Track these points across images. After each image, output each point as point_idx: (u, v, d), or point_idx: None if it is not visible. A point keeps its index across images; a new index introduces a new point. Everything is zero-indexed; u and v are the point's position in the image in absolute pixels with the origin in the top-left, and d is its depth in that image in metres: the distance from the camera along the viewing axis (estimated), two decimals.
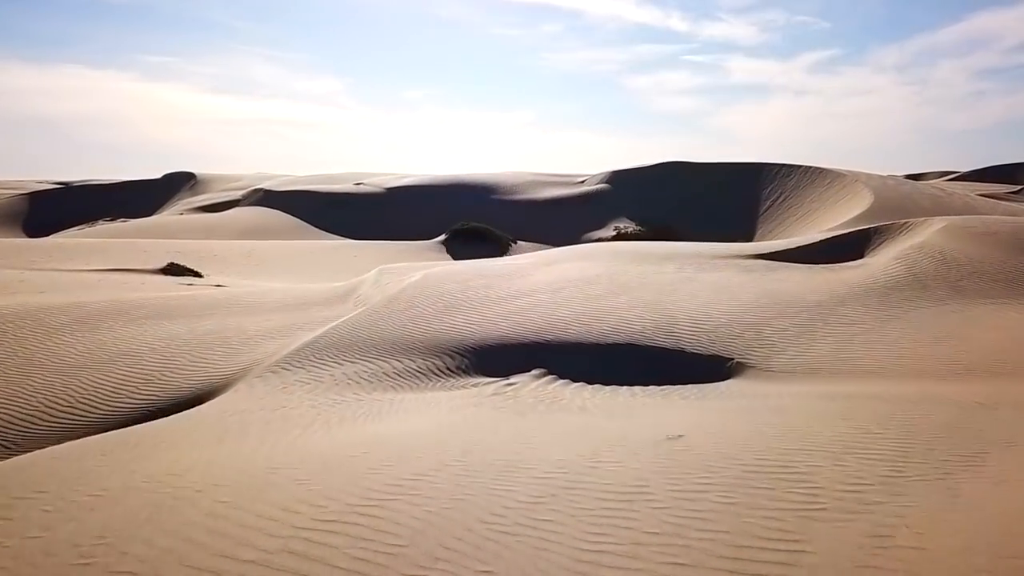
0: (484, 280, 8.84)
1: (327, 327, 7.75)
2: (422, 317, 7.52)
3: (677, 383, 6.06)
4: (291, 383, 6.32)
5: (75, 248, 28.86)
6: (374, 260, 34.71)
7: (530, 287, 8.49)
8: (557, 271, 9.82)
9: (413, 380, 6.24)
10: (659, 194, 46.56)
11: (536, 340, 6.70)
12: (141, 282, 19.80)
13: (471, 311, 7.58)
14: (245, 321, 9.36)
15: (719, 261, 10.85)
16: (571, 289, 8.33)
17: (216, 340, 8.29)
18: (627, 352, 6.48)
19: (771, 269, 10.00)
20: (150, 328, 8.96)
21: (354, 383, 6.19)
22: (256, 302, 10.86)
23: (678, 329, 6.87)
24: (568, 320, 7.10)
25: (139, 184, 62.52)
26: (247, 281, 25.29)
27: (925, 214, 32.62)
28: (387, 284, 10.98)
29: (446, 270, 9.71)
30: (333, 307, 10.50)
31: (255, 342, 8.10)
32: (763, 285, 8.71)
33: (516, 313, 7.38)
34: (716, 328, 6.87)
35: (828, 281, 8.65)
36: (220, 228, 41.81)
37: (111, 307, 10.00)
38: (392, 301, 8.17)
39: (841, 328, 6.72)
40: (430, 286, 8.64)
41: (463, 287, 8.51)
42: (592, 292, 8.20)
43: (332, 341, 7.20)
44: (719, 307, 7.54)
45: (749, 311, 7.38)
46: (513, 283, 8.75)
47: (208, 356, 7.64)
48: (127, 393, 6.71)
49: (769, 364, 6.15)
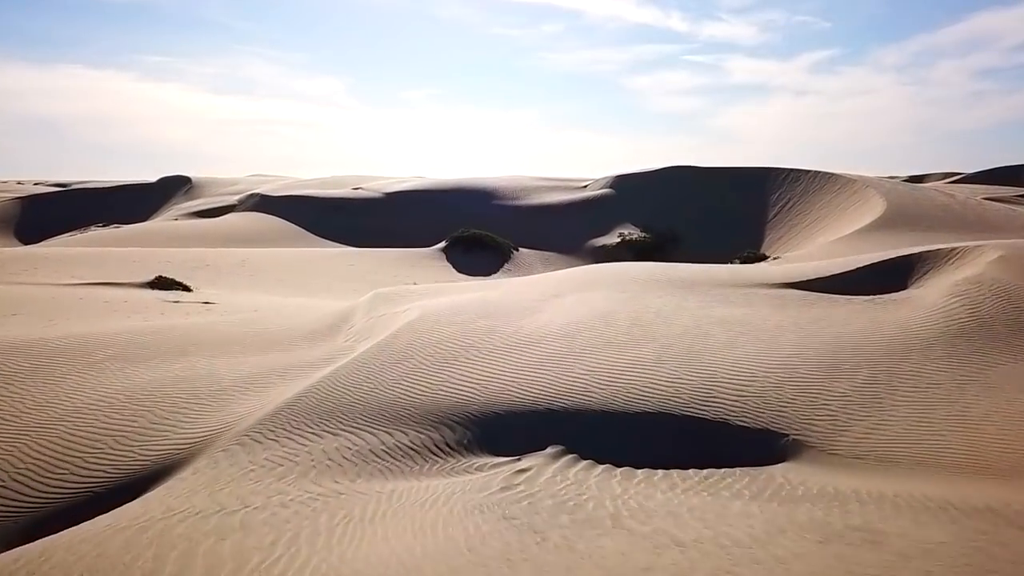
0: (487, 322, 7.82)
1: (309, 382, 6.73)
2: (417, 373, 6.49)
3: (722, 464, 5.05)
4: (260, 463, 5.30)
5: (62, 259, 27.81)
6: (371, 269, 33.67)
7: (541, 331, 7.47)
8: (569, 306, 8.79)
9: (406, 461, 5.22)
10: (663, 199, 45.50)
11: (551, 407, 5.68)
12: (124, 300, 18.77)
13: (474, 365, 6.55)
14: (220, 364, 8.34)
15: (745, 292, 9.83)
16: (588, 334, 7.31)
17: (183, 393, 7.27)
18: (660, 424, 5.46)
19: (807, 303, 8.98)
20: (111, 375, 7.94)
21: (335, 465, 5.17)
22: (235, 336, 9.84)
23: (718, 391, 5.85)
24: (588, 379, 6.08)
25: (134, 188, 61.47)
26: (238, 295, 24.24)
27: (938, 222, 31.61)
28: (381, 315, 9.97)
29: (445, 306, 8.68)
30: (320, 344, 9.49)
31: (227, 396, 7.08)
32: (804, 326, 7.69)
33: (527, 369, 6.35)
34: (763, 390, 5.85)
35: (879, 323, 7.63)
36: (214, 235, 40.78)
37: (72, 345, 8.97)
38: (384, 350, 7.14)
39: (914, 395, 5.70)
40: (427, 330, 7.62)
41: (464, 331, 7.49)
42: (613, 338, 7.18)
43: (313, 403, 6.18)
44: (761, 359, 6.52)
45: (796, 365, 6.35)
46: (521, 325, 7.73)
47: (171, 417, 6.62)
48: (64, 472, 5.69)
49: (832, 444, 5.13)
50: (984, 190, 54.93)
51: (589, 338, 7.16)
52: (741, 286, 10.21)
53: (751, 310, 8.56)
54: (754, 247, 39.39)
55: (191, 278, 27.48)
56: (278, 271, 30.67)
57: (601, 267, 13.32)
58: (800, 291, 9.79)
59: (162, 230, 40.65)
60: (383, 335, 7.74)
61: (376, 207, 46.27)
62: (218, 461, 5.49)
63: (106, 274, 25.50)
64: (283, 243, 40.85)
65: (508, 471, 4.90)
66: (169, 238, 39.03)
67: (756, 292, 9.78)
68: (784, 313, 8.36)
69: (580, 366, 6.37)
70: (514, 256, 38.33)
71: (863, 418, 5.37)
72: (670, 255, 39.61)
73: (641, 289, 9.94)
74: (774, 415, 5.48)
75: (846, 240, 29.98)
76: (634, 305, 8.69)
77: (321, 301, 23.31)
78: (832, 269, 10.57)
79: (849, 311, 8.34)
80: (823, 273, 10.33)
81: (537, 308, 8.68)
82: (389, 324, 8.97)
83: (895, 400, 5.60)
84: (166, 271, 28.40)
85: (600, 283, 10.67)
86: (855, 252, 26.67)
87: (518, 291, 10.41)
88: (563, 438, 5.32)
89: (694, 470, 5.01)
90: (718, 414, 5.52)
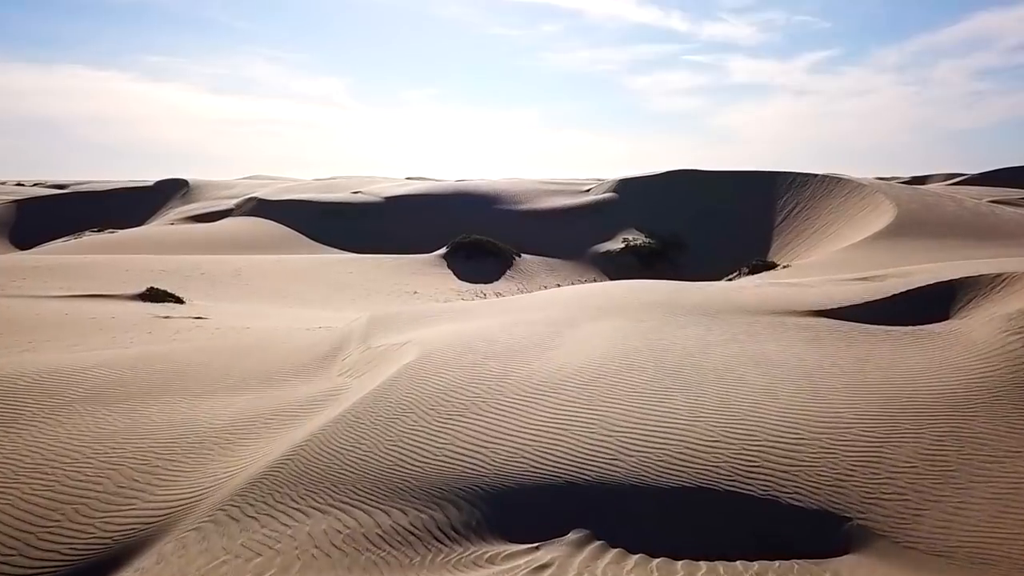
0: (496, 364, 7.05)
1: (297, 438, 5.97)
2: (418, 431, 5.73)
3: (774, 555, 4.30)
4: (236, 551, 4.55)
5: (52, 268, 27.09)
6: (370, 277, 32.91)
7: (556, 375, 6.71)
8: (585, 341, 8.04)
9: (405, 549, 4.46)
10: (668, 204, 44.83)
11: (572, 480, 4.92)
12: (112, 315, 18.04)
13: (482, 421, 5.79)
14: (201, 407, 7.58)
15: (772, 322, 9.08)
16: (610, 380, 6.55)
17: (158, 445, 6.51)
18: (701, 501, 4.70)
19: (844, 337, 8.22)
20: (80, 420, 7.18)
21: (322, 555, 4.41)
22: (221, 369, 9.09)
23: (764, 458, 5.09)
24: (614, 442, 5.32)
25: (130, 191, 60.74)
26: (232, 307, 23.51)
27: (950, 229, 30.86)
28: (378, 347, 9.22)
29: (447, 341, 7.92)
30: (312, 379, 8.74)
31: (205, 452, 6.32)
32: (847, 369, 6.93)
33: (543, 429, 5.59)
34: (816, 457, 5.09)
35: (931, 366, 6.87)
36: (210, 240, 40.06)
37: (43, 383, 8.21)
38: (380, 400, 6.37)
39: (993, 469, 4.93)
40: (428, 374, 6.85)
41: (470, 376, 6.73)
42: (638, 385, 6.42)
43: (299, 468, 5.43)
44: (807, 414, 5.76)
45: (849, 423, 5.60)
46: (533, 367, 6.96)
47: (141, 478, 5.86)
48: (10, 553, 4.93)
49: (906, 533, 4.37)
50: (989, 192, 54.30)
51: (611, 385, 6.40)
52: (767, 314, 9.46)
53: (783, 347, 7.79)
54: (761, 253, 38.69)
55: (185, 288, 26.77)
56: (274, 280, 29.93)
57: (612, 288, 12.57)
58: (832, 320, 9.04)
59: (157, 235, 39.92)
60: (380, 379, 6.98)
61: (376, 211, 45.55)
62: (187, 545, 4.73)
63: (97, 284, 24.77)
64: (280, 249, 40.13)
65: (526, 568, 4.15)
66: (164, 244, 38.32)
67: (784, 322, 9.03)
68: (821, 350, 7.60)
69: (604, 424, 5.61)
70: (516, 262, 37.58)
71: (938, 498, 4.60)
72: (675, 260, 38.91)
73: (660, 319, 9.18)
74: (832, 492, 4.72)
75: (857, 248, 29.28)
76: (656, 340, 7.93)
77: (318, 313, 22.57)
78: (864, 295, 9.81)
79: (893, 349, 7.58)
80: (855, 300, 9.57)
81: (549, 343, 7.92)
82: (386, 361, 8.22)
83: (972, 474, 4.84)
84: (159, 281, 27.72)
85: (614, 310, 9.91)
86: (867, 260, 25.96)
87: (526, 318, 9.65)
88: (588, 519, 4.57)
89: (742, 562, 4.25)
90: (767, 489, 4.76)
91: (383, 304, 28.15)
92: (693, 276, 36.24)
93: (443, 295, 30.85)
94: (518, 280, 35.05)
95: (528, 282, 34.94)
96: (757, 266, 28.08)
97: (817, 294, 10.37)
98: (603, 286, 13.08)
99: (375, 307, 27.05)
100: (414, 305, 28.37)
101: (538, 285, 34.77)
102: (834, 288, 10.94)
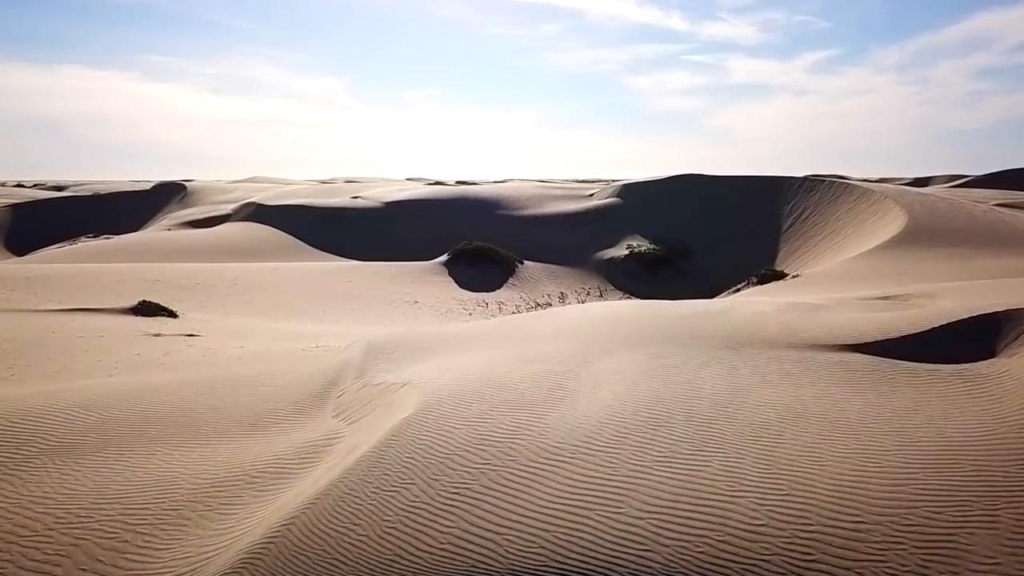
0: (506, 417, 6.35)
1: (280, 515, 5.28)
2: (418, 511, 5.03)
3: None
4: None
5: (45, 279, 26.40)
6: (370, 286, 32.15)
7: (575, 433, 6.01)
8: (602, 383, 7.35)
9: None
10: (672, 209, 44.14)
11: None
12: (100, 333, 17.34)
13: (493, 497, 5.09)
14: (181, 461, 6.90)
15: (802, 357, 8.40)
16: (635, 436, 5.86)
17: (127, 514, 5.82)
18: None
19: (882, 377, 7.53)
20: (45, 478, 6.49)
21: None
22: (207, 409, 8.41)
23: (820, 547, 4.39)
24: (647, 528, 4.61)
25: (127, 196, 60.05)
26: (227, 321, 22.81)
27: (963, 237, 30.09)
28: (376, 384, 8.54)
29: (450, 393, 7.22)
30: (305, 420, 8.06)
31: (180, 522, 5.63)
32: (895, 422, 6.24)
33: (562, 508, 4.89)
34: (882, 550, 4.39)
35: (990, 419, 6.17)
36: (207, 247, 39.38)
37: (10, 431, 7.53)
38: (377, 466, 5.67)
39: None
40: (431, 432, 6.15)
41: (477, 437, 6.02)
42: (668, 444, 5.73)
43: (283, 559, 4.73)
44: (863, 485, 5.07)
45: (910, 499, 4.90)
46: (547, 423, 6.27)
47: (102, 561, 5.17)
48: None
49: None
50: (994, 195, 53.58)
51: (639, 446, 5.71)
52: (794, 348, 8.77)
53: (819, 392, 7.11)
54: (768, 259, 37.97)
55: (179, 299, 26.04)
56: (271, 290, 29.22)
57: (623, 311, 11.87)
58: (866, 357, 8.34)
59: (153, 242, 39.25)
60: (377, 434, 6.28)
61: (375, 217, 44.87)
62: None
63: (89, 297, 24.06)
64: (279, 256, 39.43)
65: None
66: (160, 251, 37.64)
67: (815, 359, 8.34)
68: (862, 398, 6.91)
69: (634, 501, 4.92)
70: (518, 270, 36.86)
71: None
72: (680, 267, 38.21)
73: (681, 353, 8.49)
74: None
75: (867, 257, 28.54)
76: (681, 383, 7.24)
77: (315, 327, 21.86)
78: (899, 325, 9.12)
79: (942, 396, 6.89)
80: (889, 332, 8.88)
81: (564, 388, 7.22)
82: (384, 404, 7.54)
83: None
84: (153, 291, 26.98)
85: (629, 341, 9.23)
86: (879, 270, 25.21)
87: (534, 352, 8.96)
88: None
89: None
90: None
91: (383, 314, 27.44)
92: (699, 283, 35.58)
93: (444, 305, 30.12)
94: (520, 288, 34.35)
95: (531, 290, 34.22)
96: (766, 275, 27.39)
97: (845, 323, 9.67)
98: (614, 308, 12.38)
99: (374, 318, 26.36)
100: (414, 316, 27.62)
101: (541, 293, 34.07)
102: (860, 315, 10.24)
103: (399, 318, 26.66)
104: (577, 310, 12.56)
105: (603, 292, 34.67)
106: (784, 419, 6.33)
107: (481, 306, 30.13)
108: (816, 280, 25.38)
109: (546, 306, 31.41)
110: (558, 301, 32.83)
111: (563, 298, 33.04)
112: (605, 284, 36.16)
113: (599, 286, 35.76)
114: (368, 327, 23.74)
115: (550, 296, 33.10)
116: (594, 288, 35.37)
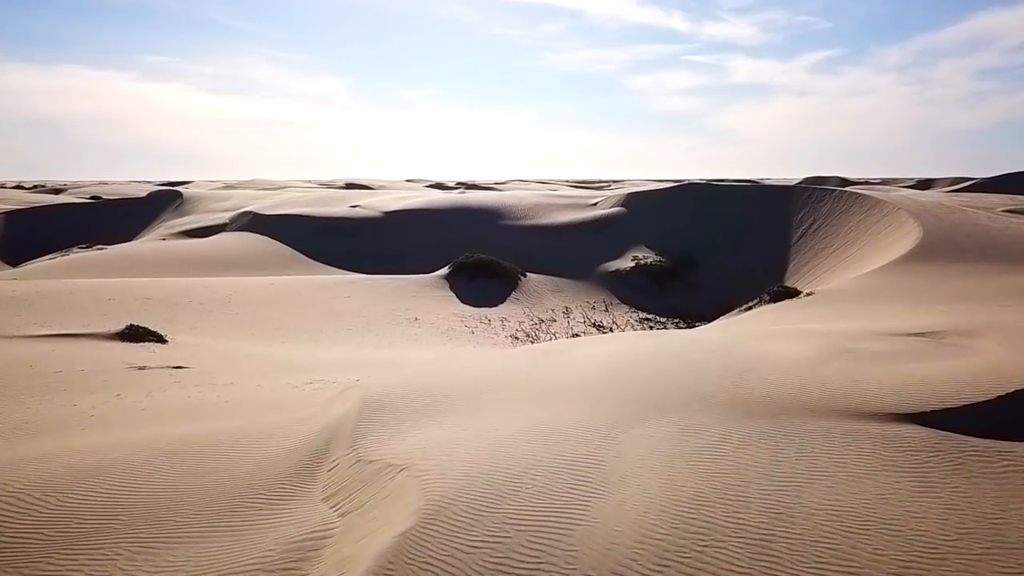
0: (525, 535, 5.40)
1: None
2: None
3: None
4: None
5: (29, 299, 25.42)
6: (369, 301, 31.10)
7: (607, 558, 5.07)
8: (631, 474, 6.39)
9: None
10: (678, 218, 43.19)
11: None
12: (81, 367, 16.36)
13: None
14: (139, 570, 5.95)
15: (852, 431, 7.46)
16: (679, 564, 4.91)
17: None
18: None
19: (953, 465, 6.58)
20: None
21: None
22: (178, 488, 7.46)
23: None
24: None
25: (122, 203, 59.07)
26: (218, 345, 21.84)
27: (982, 252, 29.03)
28: (370, 461, 7.59)
29: (455, 495, 6.27)
30: (291, 505, 7.12)
31: None
32: (981, 533, 5.31)
33: None
34: None
35: None
36: (202, 259, 38.40)
37: None
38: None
39: None
40: (434, 560, 5.19)
41: (490, 566, 5.08)
42: (719, 571, 4.79)
43: None
44: None
45: None
46: (572, 541, 5.31)
47: None
48: None
49: None
50: (999, 200, 52.56)
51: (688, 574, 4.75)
52: (841, 417, 7.81)
53: (883, 485, 6.15)
54: (777, 271, 36.93)
55: (170, 320, 25.05)
56: (266, 307, 28.23)
57: (642, 353, 10.91)
58: (925, 431, 7.39)
59: (147, 254, 38.28)
60: (371, 551, 5.33)
61: (374, 227, 43.91)
62: None
63: (75, 319, 23.06)
64: (275, 268, 38.45)
65: None
66: (153, 264, 36.67)
67: (866, 432, 7.39)
68: (937, 498, 5.95)
69: None
70: (521, 283, 35.86)
71: None
72: (687, 280, 37.22)
73: (717, 425, 7.54)
74: None
75: (882, 273, 27.50)
76: (722, 475, 6.28)
77: (311, 350, 20.88)
78: (960, 389, 8.15)
79: None
80: (948, 403, 7.90)
81: (587, 480, 6.26)
82: (379, 494, 6.58)
83: None
84: (143, 311, 25.98)
85: (656, 400, 8.28)
86: (895, 287, 24.20)
87: (550, 422, 8.01)
88: None
89: None
90: None
91: (382, 333, 26.45)
92: (707, 297, 34.59)
93: (445, 322, 29.16)
94: (524, 303, 33.38)
95: (534, 305, 33.26)
96: (779, 293, 26.40)
97: (892, 380, 8.70)
98: (631, 351, 11.40)
99: (373, 338, 25.38)
100: (414, 336, 26.65)
101: (544, 308, 33.09)
102: (905, 367, 9.26)
103: (399, 338, 25.70)
104: (596, 359, 11.54)
105: (608, 306, 33.73)
106: (850, 531, 5.37)
107: (484, 323, 29.17)
108: (832, 298, 24.37)
109: (550, 322, 30.46)
110: (563, 316, 31.89)
111: (568, 313, 32.11)
112: (611, 297, 35.20)
113: (604, 300, 34.80)
114: (367, 350, 22.77)
115: (554, 312, 32.14)
116: (599, 302, 34.41)
